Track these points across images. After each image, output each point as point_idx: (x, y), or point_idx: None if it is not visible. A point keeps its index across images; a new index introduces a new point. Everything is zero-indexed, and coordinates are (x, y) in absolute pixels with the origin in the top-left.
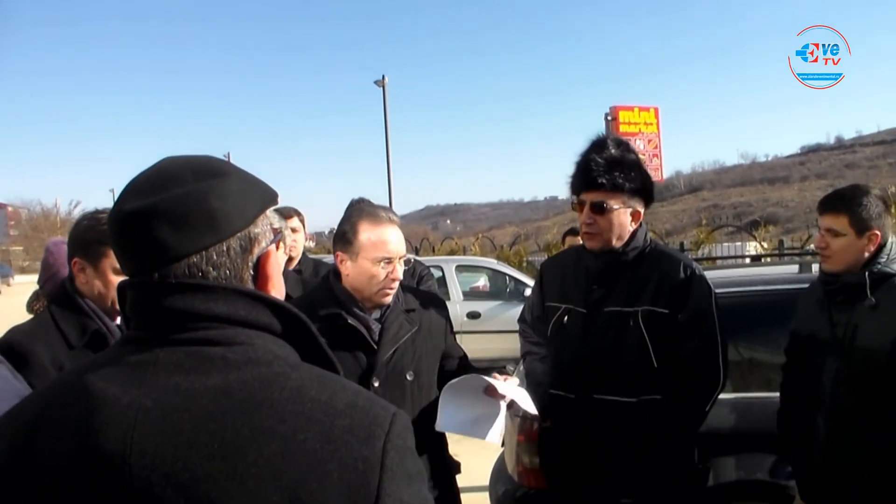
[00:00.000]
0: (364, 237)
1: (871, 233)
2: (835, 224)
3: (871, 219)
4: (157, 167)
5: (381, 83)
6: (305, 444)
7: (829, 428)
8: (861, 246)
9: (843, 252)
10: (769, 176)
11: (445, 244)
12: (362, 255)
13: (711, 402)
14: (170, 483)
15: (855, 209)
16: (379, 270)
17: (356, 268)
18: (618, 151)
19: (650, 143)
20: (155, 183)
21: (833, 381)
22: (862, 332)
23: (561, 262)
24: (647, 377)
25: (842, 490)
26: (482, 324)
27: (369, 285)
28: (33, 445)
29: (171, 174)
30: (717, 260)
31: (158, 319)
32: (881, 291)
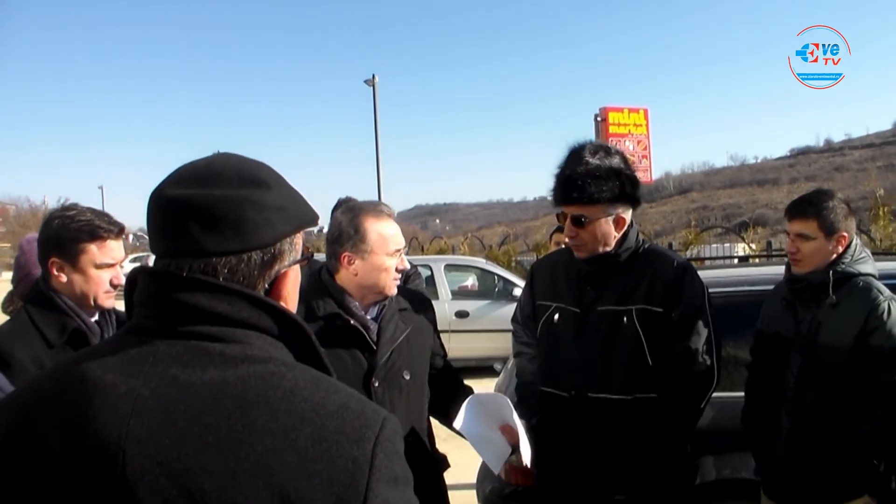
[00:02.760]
0: (374, 234)
1: (839, 235)
2: (804, 229)
3: (838, 221)
4: (208, 161)
5: (371, 82)
6: (297, 443)
7: (792, 423)
8: (830, 248)
9: (814, 255)
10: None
11: (434, 243)
12: (375, 251)
13: (706, 400)
14: (164, 472)
15: (823, 213)
16: (391, 263)
17: (367, 265)
18: (595, 160)
19: (640, 145)
20: (200, 176)
21: (796, 376)
22: (825, 329)
23: (552, 262)
24: (642, 375)
25: (804, 485)
26: (470, 323)
27: (381, 279)
28: (30, 430)
29: (218, 172)
30: (706, 261)
31: (163, 311)
32: (842, 291)
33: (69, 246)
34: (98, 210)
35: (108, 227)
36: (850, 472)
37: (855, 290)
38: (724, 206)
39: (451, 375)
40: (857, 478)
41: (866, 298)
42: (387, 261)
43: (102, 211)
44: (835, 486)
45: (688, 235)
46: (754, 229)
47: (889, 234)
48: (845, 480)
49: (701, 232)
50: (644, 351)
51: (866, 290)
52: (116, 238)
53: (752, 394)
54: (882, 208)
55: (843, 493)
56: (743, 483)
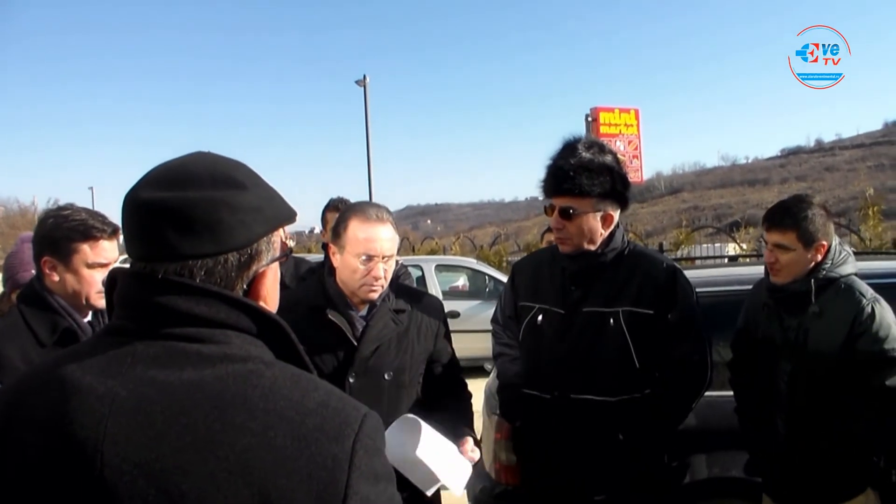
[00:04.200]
0: (351, 232)
1: (818, 244)
2: (783, 240)
3: (817, 231)
4: (182, 161)
5: (362, 83)
6: (275, 441)
7: (788, 426)
8: (809, 258)
9: (793, 266)
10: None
11: (426, 244)
12: (347, 250)
13: (698, 400)
14: (141, 473)
15: (802, 224)
16: (359, 266)
17: (342, 261)
18: (588, 154)
19: (630, 145)
20: (174, 178)
21: (787, 383)
22: (812, 335)
23: (534, 262)
24: (628, 377)
25: (806, 484)
26: (461, 323)
27: (351, 280)
28: (8, 431)
29: (192, 173)
30: (696, 260)
31: (141, 313)
32: (825, 297)
33: (62, 245)
34: (92, 210)
35: (101, 227)
36: (850, 470)
37: (839, 294)
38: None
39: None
40: (858, 475)
41: (850, 302)
42: (353, 261)
43: (97, 211)
44: (836, 485)
45: (679, 235)
46: (745, 229)
47: (879, 234)
48: (846, 478)
49: (692, 232)
50: (631, 353)
51: (849, 293)
52: (110, 238)
53: (742, 394)
54: (872, 208)
55: (844, 490)
56: (733, 481)
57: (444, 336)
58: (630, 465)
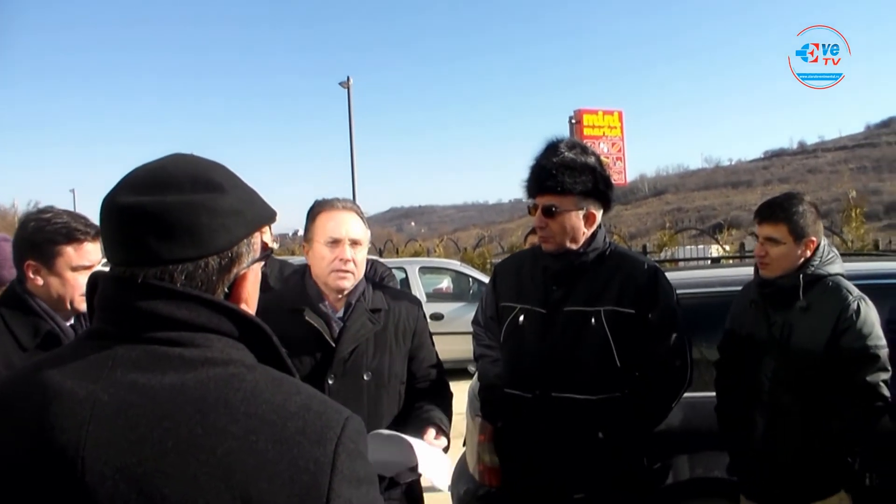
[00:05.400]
0: (318, 223)
1: (807, 239)
2: (774, 233)
3: (807, 226)
4: (160, 164)
5: (345, 85)
6: (257, 445)
7: (767, 424)
8: (799, 253)
9: (782, 259)
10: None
11: (409, 246)
12: (315, 240)
13: (678, 399)
14: (123, 477)
15: (793, 218)
16: (326, 252)
17: (313, 254)
18: (570, 154)
19: (614, 147)
20: (153, 182)
21: (770, 379)
22: (797, 332)
23: (516, 263)
24: (609, 376)
25: (781, 484)
26: (445, 325)
27: (322, 268)
28: None
29: (171, 177)
30: (680, 262)
31: (122, 317)
32: (812, 293)
33: (45, 248)
34: (75, 212)
35: (84, 229)
36: (825, 470)
37: (825, 292)
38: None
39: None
40: (833, 475)
41: (836, 299)
42: (321, 249)
43: (79, 213)
44: (811, 484)
45: (662, 237)
46: (728, 231)
47: (861, 236)
48: (821, 478)
49: (675, 234)
50: (612, 352)
51: (836, 290)
52: (93, 240)
53: (725, 394)
54: (854, 210)
55: (819, 490)
56: (716, 482)
57: (423, 334)
58: (610, 464)
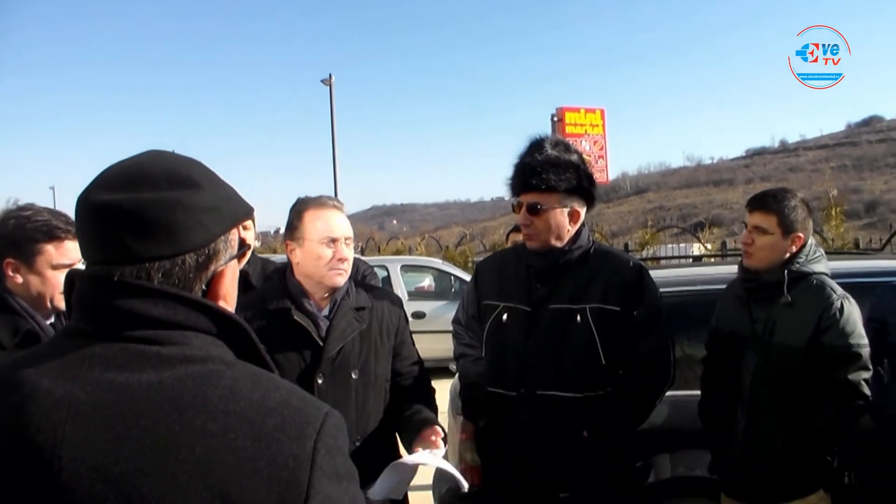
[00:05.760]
0: (309, 222)
1: (795, 235)
2: (763, 222)
3: (797, 221)
4: (136, 161)
5: (328, 82)
6: (236, 443)
7: (748, 421)
8: (784, 247)
9: (767, 250)
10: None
11: (391, 244)
12: (308, 238)
13: (662, 396)
14: (100, 477)
15: (784, 210)
16: (324, 251)
17: (304, 252)
18: (554, 152)
19: (596, 145)
20: (128, 179)
21: (752, 375)
22: (779, 327)
23: (498, 261)
24: (594, 373)
25: (761, 481)
26: (427, 324)
27: (318, 267)
28: None
29: (146, 174)
30: (661, 260)
31: (99, 315)
32: (797, 290)
33: (25, 246)
34: (55, 210)
35: (65, 227)
36: (805, 469)
37: (809, 289)
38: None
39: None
40: (812, 474)
41: (820, 297)
42: (318, 248)
43: (59, 211)
44: (791, 483)
45: (644, 235)
46: (710, 229)
47: (841, 234)
48: (800, 476)
49: (657, 232)
50: (597, 349)
51: (820, 288)
52: (74, 239)
53: (708, 391)
54: (835, 208)
55: (798, 489)
56: (697, 481)
57: (405, 332)
58: (594, 462)
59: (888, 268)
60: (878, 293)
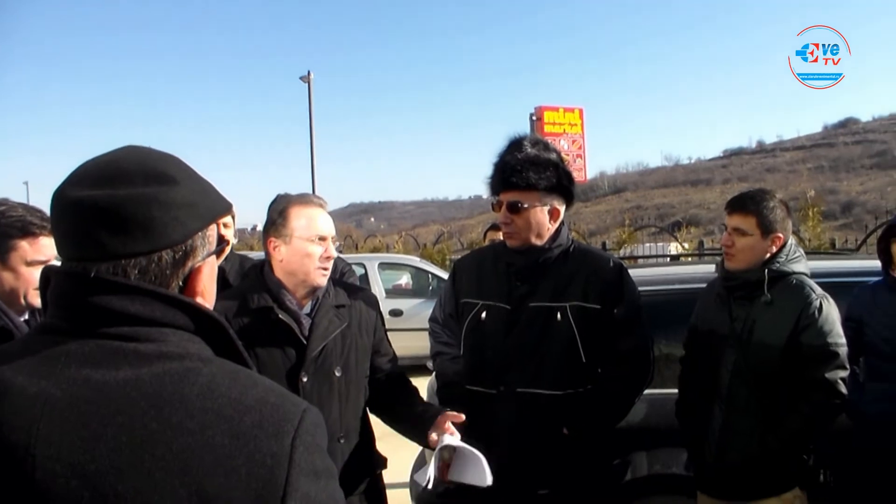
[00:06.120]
0: (295, 218)
1: (774, 235)
2: (742, 224)
3: (776, 222)
4: (113, 157)
5: (306, 79)
6: (213, 440)
7: (724, 418)
8: (764, 247)
9: (748, 251)
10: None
11: (369, 241)
12: (296, 236)
13: (641, 393)
14: (75, 475)
15: (763, 211)
16: (314, 249)
17: (291, 250)
18: (534, 150)
19: (574, 144)
20: (104, 175)
21: (730, 373)
22: (759, 326)
23: (476, 259)
24: (574, 371)
25: (737, 479)
26: (404, 321)
27: (304, 265)
28: None
29: (122, 170)
30: (639, 259)
31: (75, 312)
32: (777, 289)
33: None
34: (30, 206)
35: (40, 223)
36: (781, 466)
37: (789, 289)
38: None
39: (393, 377)
40: (788, 471)
41: (799, 296)
42: (308, 246)
43: (34, 206)
44: (766, 480)
45: (622, 234)
46: (687, 229)
47: (817, 235)
48: (777, 474)
49: (634, 231)
50: (578, 347)
51: (799, 288)
52: (49, 235)
53: (685, 389)
54: (811, 209)
55: (774, 486)
56: (674, 478)
57: (382, 329)
58: (574, 459)
59: (864, 268)
60: (855, 293)
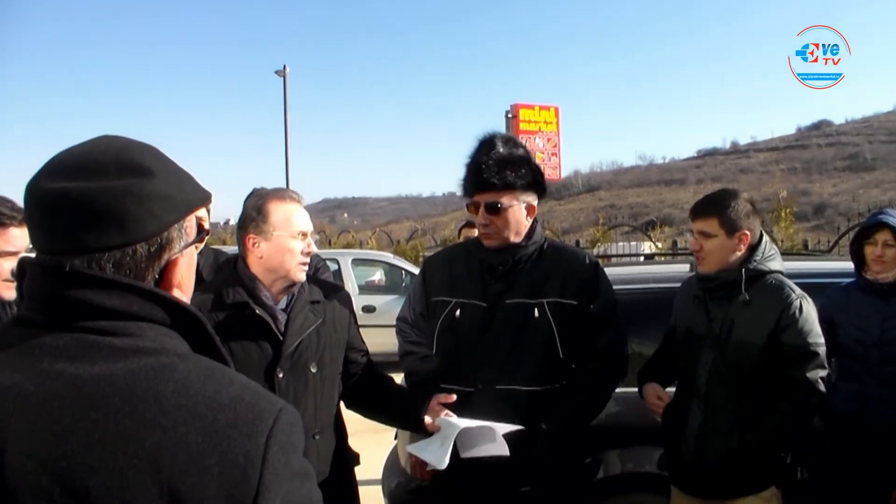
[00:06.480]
0: (276, 214)
1: (740, 233)
2: (706, 227)
3: (739, 219)
4: (87, 148)
5: (282, 73)
6: (187, 438)
7: (703, 417)
8: (732, 246)
9: (717, 253)
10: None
11: (342, 237)
12: (277, 232)
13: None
14: (46, 471)
15: (723, 211)
16: (295, 245)
17: (272, 246)
18: (506, 149)
19: (549, 142)
20: (78, 166)
21: (708, 372)
22: (738, 326)
23: (447, 257)
24: (552, 367)
25: (714, 476)
26: (377, 318)
27: (286, 261)
28: None
29: (96, 161)
30: (612, 258)
31: (50, 305)
32: (754, 289)
33: None
34: (1, 196)
35: (10, 213)
36: (758, 465)
37: (767, 289)
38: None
39: (371, 370)
40: (765, 470)
41: (779, 297)
42: (290, 242)
43: (4, 197)
44: (744, 479)
45: (595, 233)
46: (661, 228)
47: (790, 236)
48: (754, 473)
49: (608, 230)
50: (556, 343)
51: (778, 288)
52: (20, 225)
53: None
54: (784, 210)
55: (752, 484)
56: (646, 477)
57: (355, 324)
58: (553, 454)
59: (837, 269)
60: (828, 294)
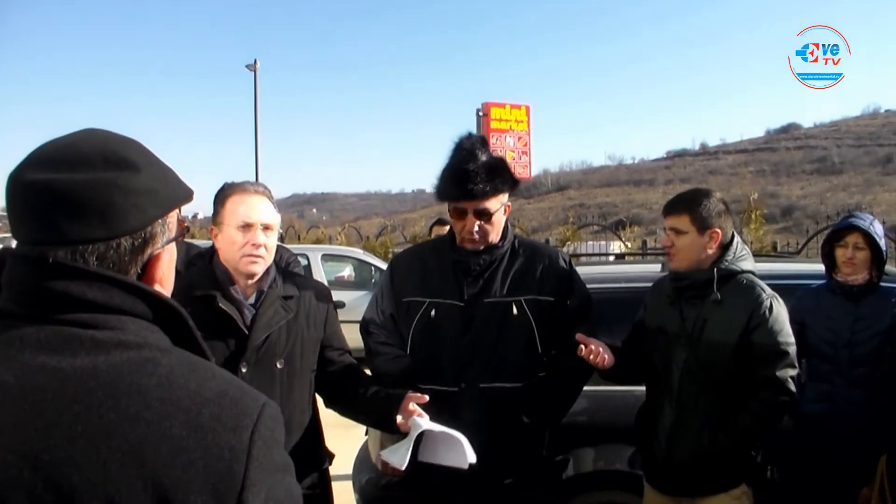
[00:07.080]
0: (229, 206)
1: (711, 231)
2: (678, 224)
3: (710, 217)
4: (72, 140)
5: (252, 67)
6: (171, 432)
7: (676, 416)
8: (703, 243)
9: (688, 249)
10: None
11: (311, 233)
12: (226, 223)
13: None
14: (28, 465)
15: (695, 208)
16: (238, 236)
17: (223, 237)
18: (486, 154)
19: (520, 141)
20: (63, 158)
21: (681, 371)
22: (710, 325)
23: (415, 257)
24: (532, 362)
25: (686, 475)
26: (346, 314)
27: (232, 253)
28: None
29: (82, 153)
30: (582, 257)
31: (31, 297)
32: (726, 289)
33: None
34: None
35: None
36: (729, 463)
37: (739, 288)
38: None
39: (350, 370)
40: (736, 468)
41: (750, 296)
42: (233, 233)
43: None
44: (716, 477)
45: (565, 232)
46: (630, 228)
47: (760, 237)
48: (725, 471)
49: (578, 229)
50: (535, 339)
51: (750, 287)
52: None
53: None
54: (754, 212)
55: (722, 482)
56: (617, 475)
57: (335, 322)
58: (534, 447)
59: (806, 271)
60: (798, 296)
